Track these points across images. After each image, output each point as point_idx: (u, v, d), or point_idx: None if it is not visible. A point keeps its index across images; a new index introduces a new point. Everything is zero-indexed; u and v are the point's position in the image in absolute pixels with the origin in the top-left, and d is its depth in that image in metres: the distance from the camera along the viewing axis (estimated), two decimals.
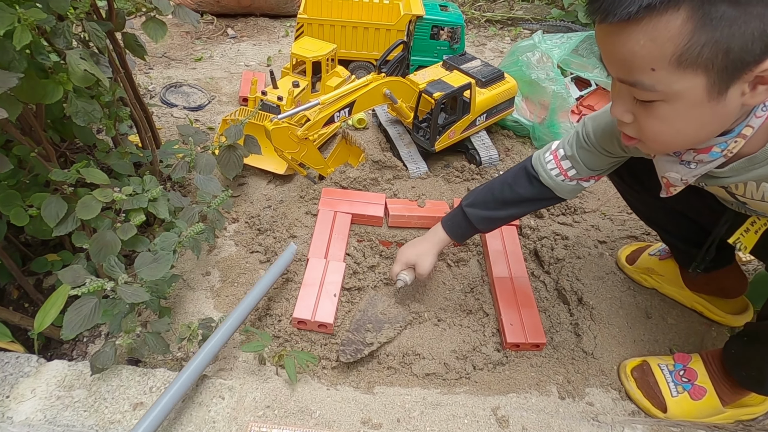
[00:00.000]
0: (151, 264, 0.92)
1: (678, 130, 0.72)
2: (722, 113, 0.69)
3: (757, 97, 0.66)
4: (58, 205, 0.95)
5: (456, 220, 1.20)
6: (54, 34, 0.78)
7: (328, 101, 1.40)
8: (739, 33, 0.60)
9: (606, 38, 0.68)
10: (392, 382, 1.09)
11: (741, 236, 0.98)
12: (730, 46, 0.61)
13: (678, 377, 1.08)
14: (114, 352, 0.92)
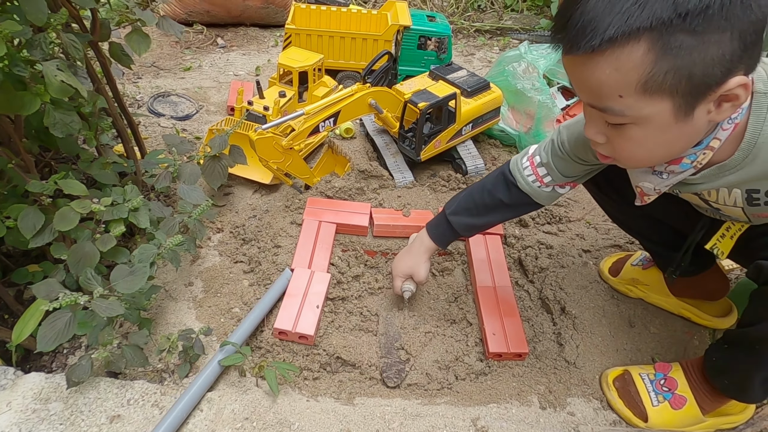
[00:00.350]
0: (127, 277, 0.91)
1: (650, 149, 0.76)
2: (690, 132, 0.73)
3: (722, 113, 0.70)
4: (35, 217, 0.94)
5: (440, 228, 1.21)
6: (30, 45, 0.79)
7: (313, 111, 1.41)
8: (700, 59, 0.63)
9: (573, 68, 0.71)
10: (373, 393, 1.08)
11: (717, 242, 1.00)
12: (692, 71, 0.64)
13: (659, 386, 1.08)
14: (90, 366, 0.92)
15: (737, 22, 0.62)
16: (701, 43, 0.62)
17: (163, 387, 1.01)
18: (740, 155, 0.78)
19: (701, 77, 0.65)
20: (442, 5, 3.11)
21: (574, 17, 0.66)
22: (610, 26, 0.63)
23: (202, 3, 2.56)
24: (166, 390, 1.00)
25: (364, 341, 1.19)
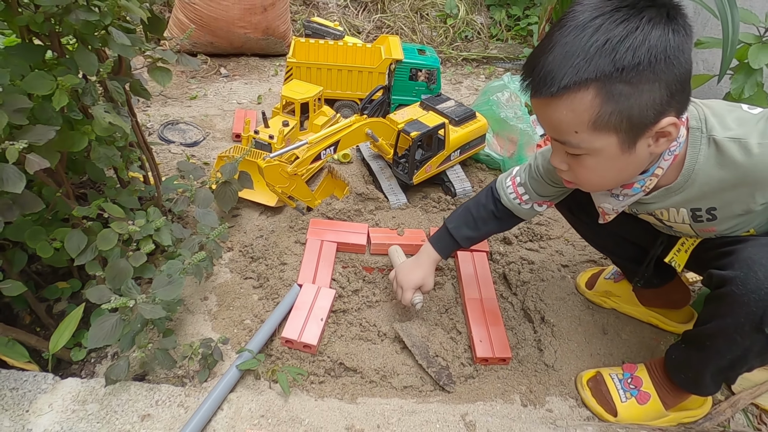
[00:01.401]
0: (166, 286, 1.05)
1: (602, 176, 0.94)
2: (635, 161, 0.91)
3: (660, 147, 0.88)
4: (79, 238, 1.07)
5: (443, 241, 1.36)
6: (84, 93, 0.93)
7: (315, 140, 1.56)
8: (636, 104, 0.81)
9: (538, 108, 0.88)
10: (374, 394, 1.21)
11: (674, 255, 1.16)
12: (630, 113, 0.82)
13: (626, 385, 1.22)
14: (127, 366, 1.04)
15: (663, 75, 0.79)
16: (636, 91, 0.79)
17: (187, 389, 1.13)
18: (681, 180, 0.96)
19: (638, 118, 0.82)
20: (432, 36, 3.30)
21: (537, 68, 0.83)
22: (564, 77, 0.79)
23: (205, 35, 2.72)
24: (189, 392, 1.12)
25: (363, 349, 1.32)
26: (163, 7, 2.94)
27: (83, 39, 0.94)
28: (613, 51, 0.77)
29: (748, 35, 2.14)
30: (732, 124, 0.91)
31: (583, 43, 0.79)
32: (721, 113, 0.94)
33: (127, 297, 1.02)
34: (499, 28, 3.44)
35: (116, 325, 1.02)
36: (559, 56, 0.80)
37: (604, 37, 0.78)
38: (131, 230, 1.08)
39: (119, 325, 1.03)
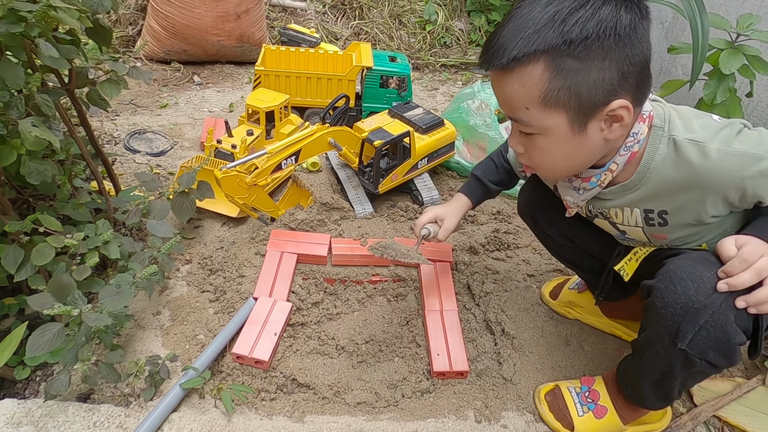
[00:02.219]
0: (114, 296, 1.02)
1: (554, 159, 0.93)
2: (588, 146, 0.89)
3: (614, 132, 0.87)
4: (15, 253, 1.04)
5: (472, 186, 1.40)
6: (8, 107, 0.90)
7: (275, 150, 1.53)
8: (584, 81, 0.80)
9: (494, 84, 0.90)
10: (324, 411, 1.18)
11: (625, 264, 1.14)
12: (579, 90, 0.81)
13: (583, 398, 1.19)
14: (68, 380, 1.01)
15: (613, 53, 0.79)
16: (585, 67, 0.79)
17: (128, 410, 1.10)
18: (637, 177, 0.95)
19: (587, 96, 0.81)
20: (410, 42, 3.29)
21: (491, 42, 0.84)
22: (514, 48, 0.80)
23: (179, 42, 2.70)
24: (130, 413, 1.08)
25: (319, 363, 1.29)
26: (137, 14, 2.91)
27: (9, 51, 0.91)
28: (562, 23, 0.78)
29: (719, 41, 2.13)
30: (696, 128, 0.90)
31: (534, 16, 0.79)
32: (688, 116, 0.93)
33: (71, 306, 0.99)
34: (479, 34, 3.43)
35: (58, 334, 0.99)
36: (513, 29, 0.81)
37: (554, 10, 0.78)
38: (68, 243, 1.05)
39: (61, 334, 1.00)
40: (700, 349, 0.89)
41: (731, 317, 0.84)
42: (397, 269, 1.57)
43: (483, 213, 1.88)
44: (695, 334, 0.87)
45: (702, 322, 0.86)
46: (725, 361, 0.91)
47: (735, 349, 0.88)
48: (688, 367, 0.93)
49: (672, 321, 0.89)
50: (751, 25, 2.13)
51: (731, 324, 0.85)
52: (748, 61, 2.08)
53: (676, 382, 1.00)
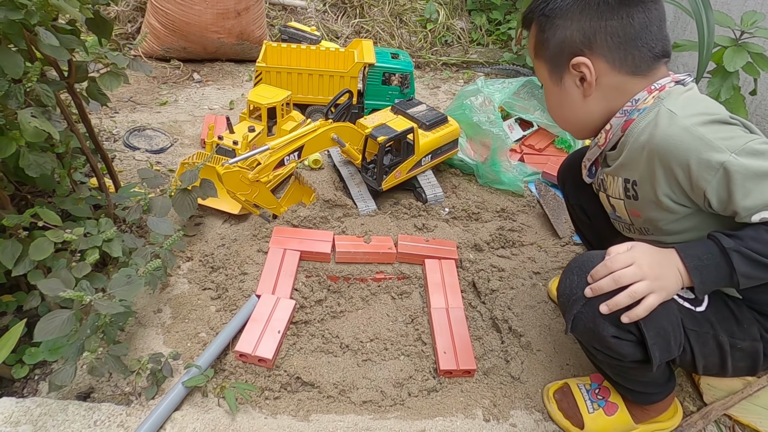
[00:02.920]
0: (124, 286, 0.99)
1: (552, 108, 1.11)
2: (570, 100, 1.04)
3: (587, 90, 1.00)
4: (13, 248, 1.02)
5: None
6: (7, 96, 0.87)
7: (278, 146, 1.51)
8: (552, 37, 1.00)
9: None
10: (329, 410, 1.16)
11: None
12: (550, 45, 1.01)
13: (594, 395, 1.17)
14: (74, 371, 0.98)
15: (573, 16, 0.96)
16: (551, 26, 1.00)
17: (129, 408, 1.07)
18: (623, 140, 1.00)
19: (554, 50, 1.01)
20: (411, 40, 3.27)
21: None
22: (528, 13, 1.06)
23: (179, 40, 2.67)
24: (131, 411, 1.06)
25: (323, 362, 1.27)
26: (136, 12, 2.88)
27: (8, 39, 0.89)
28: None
29: (724, 38, 2.12)
30: (685, 103, 0.92)
31: None
32: (693, 96, 0.95)
33: (81, 292, 0.96)
34: (480, 33, 3.42)
35: (68, 320, 0.96)
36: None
37: None
38: (67, 238, 1.02)
39: (71, 320, 0.97)
40: (584, 338, 0.99)
41: (603, 310, 0.88)
42: (401, 267, 1.55)
43: (487, 210, 1.86)
44: (573, 322, 0.93)
45: (575, 311, 0.92)
46: (612, 353, 0.95)
47: (612, 342, 0.91)
48: (594, 356, 1.01)
49: (561, 309, 0.99)
50: (755, 22, 2.12)
51: (600, 317, 0.89)
52: (752, 59, 2.06)
53: (611, 374, 1.07)
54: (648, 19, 0.95)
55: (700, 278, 0.85)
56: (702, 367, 0.99)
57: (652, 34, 0.95)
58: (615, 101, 0.99)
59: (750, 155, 0.83)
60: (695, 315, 0.95)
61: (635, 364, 0.96)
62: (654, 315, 0.87)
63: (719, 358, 0.97)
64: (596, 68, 0.97)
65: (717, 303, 0.97)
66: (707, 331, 0.95)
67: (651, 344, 0.89)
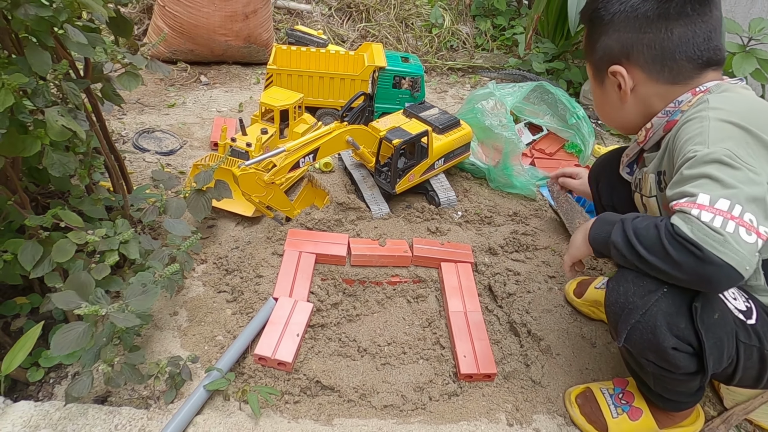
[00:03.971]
0: (140, 295, 0.98)
1: (596, 105, 1.18)
2: (610, 100, 1.10)
3: (623, 97, 1.06)
4: (34, 250, 1.00)
5: None
6: (34, 94, 0.86)
7: (294, 148, 1.50)
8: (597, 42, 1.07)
9: None
10: (351, 414, 1.14)
11: None
12: (595, 49, 1.08)
13: (617, 399, 1.16)
14: (91, 381, 0.97)
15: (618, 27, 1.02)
16: (598, 32, 1.06)
17: (150, 412, 1.05)
18: (664, 141, 1.02)
19: (598, 56, 1.08)
20: (417, 45, 3.28)
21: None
22: (582, 13, 1.12)
23: (186, 42, 2.66)
24: (152, 415, 1.04)
25: (342, 366, 1.26)
26: (143, 14, 2.87)
27: (36, 36, 0.88)
28: (595, 2, 1.06)
29: (732, 44, 2.13)
30: (725, 98, 0.93)
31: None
32: (742, 93, 0.95)
33: (97, 305, 0.95)
34: (485, 38, 3.43)
35: (84, 333, 0.95)
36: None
37: None
38: (90, 240, 1.01)
39: (86, 333, 0.96)
40: (638, 349, 0.95)
41: (662, 321, 0.88)
42: (416, 270, 1.54)
43: (499, 214, 1.85)
44: (628, 333, 0.92)
45: (633, 321, 0.91)
46: (668, 365, 0.93)
47: (670, 354, 0.90)
48: (643, 367, 0.98)
49: (612, 319, 0.96)
50: (762, 29, 2.13)
51: (661, 328, 0.88)
52: (760, 65, 2.08)
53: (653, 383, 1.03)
54: (692, 31, 0.96)
55: (593, 233, 0.99)
56: (738, 379, 0.98)
57: (695, 46, 0.96)
58: (655, 106, 1.03)
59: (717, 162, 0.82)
60: (747, 327, 0.94)
61: (686, 377, 0.95)
62: (713, 325, 0.88)
63: (757, 371, 0.97)
64: (633, 77, 1.03)
65: (763, 316, 0.96)
66: (755, 344, 0.94)
67: (708, 354, 0.88)
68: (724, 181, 0.80)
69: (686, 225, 0.80)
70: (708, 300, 0.90)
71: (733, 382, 0.99)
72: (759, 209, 0.79)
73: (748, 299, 0.98)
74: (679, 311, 0.88)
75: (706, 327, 0.88)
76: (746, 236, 0.77)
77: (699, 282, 0.83)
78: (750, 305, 0.96)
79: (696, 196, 0.81)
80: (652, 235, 0.84)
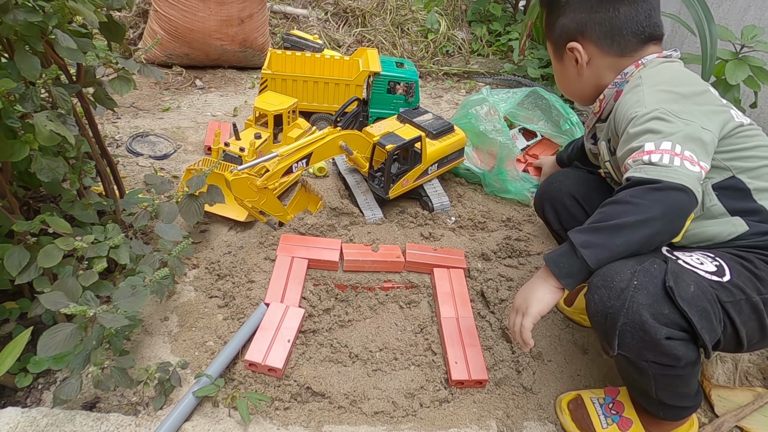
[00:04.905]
0: (129, 297, 0.97)
1: (558, 80, 1.30)
2: (568, 75, 1.23)
3: (580, 70, 1.19)
4: (20, 255, 0.99)
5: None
6: (23, 99, 0.86)
7: (287, 153, 1.50)
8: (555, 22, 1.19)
9: None
10: (341, 421, 1.14)
11: None
12: (554, 29, 1.20)
13: (607, 410, 1.16)
14: (80, 384, 0.96)
15: (569, 12, 1.16)
16: (556, 14, 1.19)
17: (138, 419, 1.05)
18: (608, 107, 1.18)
19: (557, 35, 1.20)
20: (412, 50, 3.29)
21: None
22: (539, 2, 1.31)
23: (181, 46, 2.66)
24: (141, 422, 1.03)
25: (333, 372, 1.25)
26: (138, 18, 2.88)
27: (26, 41, 0.88)
28: None
29: (724, 52, 2.15)
30: (656, 71, 1.08)
31: None
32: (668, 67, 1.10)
33: (85, 307, 0.94)
34: (480, 44, 3.44)
35: (72, 334, 0.94)
36: None
37: None
38: (78, 246, 1.00)
39: (74, 335, 0.95)
40: (635, 352, 0.92)
41: (647, 315, 0.88)
42: (409, 275, 1.54)
43: (493, 220, 1.86)
44: (619, 338, 0.91)
45: (619, 324, 0.90)
46: (668, 358, 0.92)
47: (665, 345, 0.89)
48: (642, 370, 0.96)
49: (601, 330, 0.95)
50: (755, 36, 2.14)
51: (648, 321, 0.88)
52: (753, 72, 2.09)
53: (654, 389, 1.01)
54: (635, 10, 1.11)
55: (556, 267, 0.96)
56: (746, 338, 0.95)
57: (638, 23, 1.11)
58: (606, 77, 1.17)
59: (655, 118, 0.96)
60: (725, 285, 0.94)
61: (688, 369, 0.95)
62: (693, 298, 0.89)
63: (757, 321, 0.96)
64: (587, 52, 1.16)
65: (735, 266, 0.97)
66: (740, 297, 0.94)
67: (699, 329, 0.88)
68: (663, 131, 0.93)
69: (639, 172, 0.92)
70: (677, 275, 0.91)
71: (744, 344, 0.96)
72: (697, 147, 0.93)
73: (715, 257, 1.00)
74: (657, 298, 0.89)
75: (687, 302, 0.88)
76: (691, 167, 0.90)
77: (672, 212, 0.89)
78: (719, 262, 0.98)
79: (642, 147, 0.94)
80: (613, 208, 0.92)
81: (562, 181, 1.43)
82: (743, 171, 1.04)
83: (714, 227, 1.05)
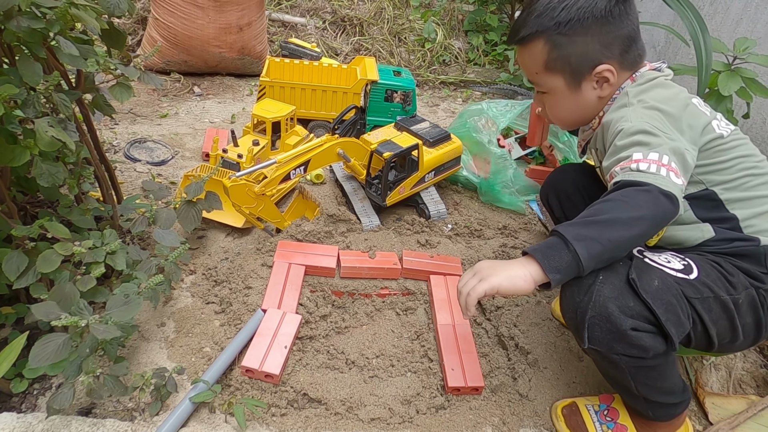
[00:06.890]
0: (122, 306, 0.97)
1: (560, 110, 1.21)
2: (585, 102, 1.16)
3: (605, 91, 1.13)
4: (19, 260, 1.00)
5: None
6: (25, 105, 0.87)
7: (285, 160, 1.51)
8: (573, 52, 1.09)
9: (517, 56, 1.22)
10: (338, 428, 1.14)
11: None
12: (570, 59, 1.10)
13: (602, 417, 1.17)
14: (72, 393, 0.96)
15: (591, 29, 1.07)
16: (571, 42, 1.08)
17: (134, 425, 1.04)
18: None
19: (576, 64, 1.10)
20: (410, 59, 3.31)
21: (513, 26, 1.17)
22: (522, 30, 1.12)
23: (179, 53, 2.68)
24: (137, 428, 1.03)
25: (330, 378, 1.25)
26: (137, 25, 2.89)
27: (28, 48, 0.89)
28: (553, 10, 1.07)
29: (717, 63, 2.18)
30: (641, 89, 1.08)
31: (537, 5, 1.10)
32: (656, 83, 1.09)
33: (78, 316, 0.94)
34: (477, 53, 3.47)
35: (63, 345, 0.94)
36: (523, 16, 1.13)
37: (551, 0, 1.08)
38: (76, 251, 1.01)
39: (67, 345, 0.95)
40: (605, 345, 0.94)
41: (613, 307, 0.90)
42: (405, 282, 1.55)
43: (489, 228, 1.87)
44: (588, 331, 0.93)
45: (588, 318, 0.92)
46: (636, 350, 0.94)
47: (632, 336, 0.91)
48: (615, 364, 0.98)
49: (573, 326, 0.97)
50: (747, 48, 2.18)
51: (614, 313, 0.90)
52: (745, 84, 2.12)
53: (633, 384, 1.02)
54: (636, 20, 1.11)
55: (545, 259, 0.90)
56: (716, 337, 0.97)
57: (639, 32, 1.12)
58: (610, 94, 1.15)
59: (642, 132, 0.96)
60: (692, 282, 0.96)
61: (659, 360, 0.96)
62: (657, 291, 0.91)
63: (728, 320, 0.97)
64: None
65: (705, 266, 1.00)
66: (708, 295, 0.96)
67: (664, 321, 0.90)
68: (651, 143, 0.95)
69: (628, 176, 0.92)
70: (641, 270, 0.94)
71: (714, 342, 0.98)
72: (680, 163, 0.94)
73: (684, 258, 1.02)
74: (623, 291, 0.91)
75: (651, 295, 0.90)
76: (675, 179, 0.91)
77: (659, 216, 0.89)
78: (687, 262, 1.00)
79: (631, 156, 0.94)
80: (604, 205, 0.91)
81: (567, 171, 1.49)
82: (717, 184, 1.06)
83: (683, 232, 1.08)
